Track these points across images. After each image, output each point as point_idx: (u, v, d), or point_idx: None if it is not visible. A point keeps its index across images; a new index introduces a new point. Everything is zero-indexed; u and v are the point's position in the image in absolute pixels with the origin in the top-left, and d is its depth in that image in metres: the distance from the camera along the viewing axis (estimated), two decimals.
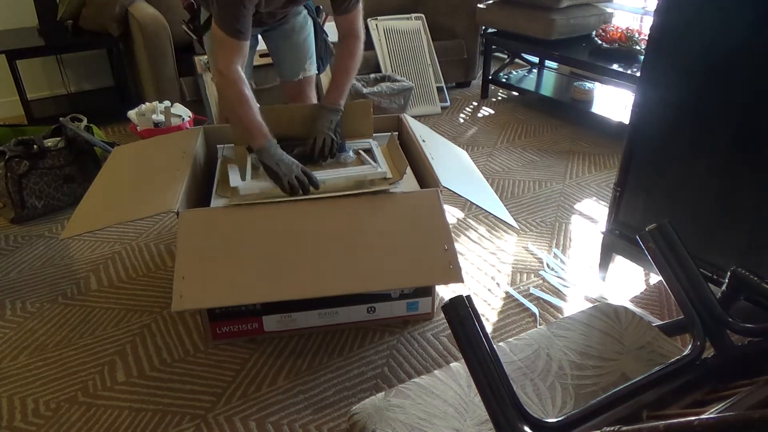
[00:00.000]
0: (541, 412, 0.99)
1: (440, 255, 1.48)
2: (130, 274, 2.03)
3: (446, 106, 3.56)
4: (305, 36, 2.05)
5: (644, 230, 1.03)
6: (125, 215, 1.56)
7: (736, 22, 1.43)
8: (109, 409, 1.51)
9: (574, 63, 3.11)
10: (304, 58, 2.07)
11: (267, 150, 1.61)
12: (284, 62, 2.09)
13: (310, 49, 2.08)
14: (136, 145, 2.02)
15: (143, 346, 1.71)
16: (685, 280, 0.99)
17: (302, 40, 2.04)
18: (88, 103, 3.40)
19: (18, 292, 1.95)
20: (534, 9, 3.21)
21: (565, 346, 1.14)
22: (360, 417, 0.98)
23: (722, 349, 0.96)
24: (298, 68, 2.07)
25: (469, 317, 0.80)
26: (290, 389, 1.56)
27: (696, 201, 1.64)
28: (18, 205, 2.30)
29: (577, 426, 0.83)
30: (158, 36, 2.85)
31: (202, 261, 1.45)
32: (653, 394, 0.89)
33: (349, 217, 1.55)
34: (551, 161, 2.85)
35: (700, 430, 0.57)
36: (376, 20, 3.48)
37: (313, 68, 2.11)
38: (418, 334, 1.75)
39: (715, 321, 0.96)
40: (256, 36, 2.09)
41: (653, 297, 1.90)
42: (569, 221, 2.33)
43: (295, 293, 1.42)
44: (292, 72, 2.09)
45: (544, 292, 1.92)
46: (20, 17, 3.28)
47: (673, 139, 1.65)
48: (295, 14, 2.00)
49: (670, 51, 1.59)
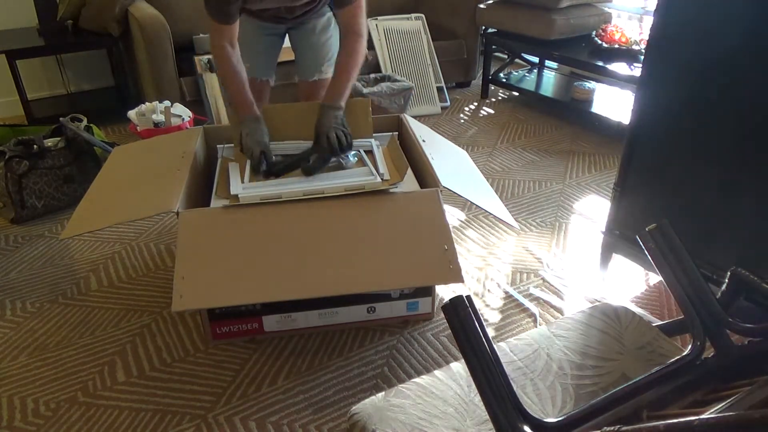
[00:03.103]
0: (541, 412, 0.99)
1: (440, 255, 1.48)
2: (130, 274, 2.03)
3: (446, 106, 3.56)
4: (327, 38, 2.05)
5: (644, 230, 1.03)
6: (125, 215, 1.56)
7: (736, 22, 1.43)
8: (109, 409, 1.51)
9: (574, 63, 3.11)
10: (322, 60, 2.07)
11: (246, 121, 1.74)
12: (303, 62, 2.10)
13: (330, 51, 2.07)
14: (136, 145, 2.02)
15: (143, 346, 1.71)
16: (685, 280, 0.99)
17: (323, 42, 2.04)
18: (88, 103, 3.40)
19: (18, 292, 1.95)
20: (534, 9, 3.21)
21: (565, 346, 1.14)
22: (360, 417, 0.98)
23: (722, 349, 0.96)
24: (314, 69, 2.07)
25: (469, 317, 0.80)
26: (290, 389, 1.56)
27: (696, 201, 1.64)
28: (18, 205, 2.30)
29: (577, 426, 0.83)
30: (158, 36, 2.85)
31: (202, 261, 1.45)
32: (653, 394, 0.89)
33: (349, 217, 1.55)
34: (551, 161, 2.85)
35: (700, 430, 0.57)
36: (376, 20, 3.48)
37: (331, 71, 2.09)
38: (418, 334, 1.75)
39: (715, 321, 0.96)
40: (282, 34, 2.10)
41: (653, 297, 1.90)
42: (569, 221, 2.33)
43: (295, 293, 1.42)
44: (308, 72, 2.09)
45: (544, 292, 1.92)
46: (20, 17, 3.28)
47: (673, 138, 1.65)
48: (319, 15, 2.01)
49: (670, 51, 1.59)
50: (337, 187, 1.62)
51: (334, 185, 1.63)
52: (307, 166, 1.68)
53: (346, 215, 1.56)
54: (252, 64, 1.94)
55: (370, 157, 1.82)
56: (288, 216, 1.55)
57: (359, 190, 1.61)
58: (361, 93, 2.97)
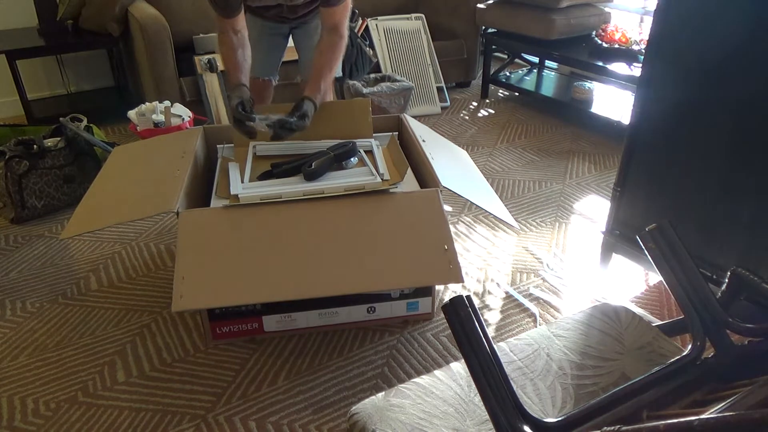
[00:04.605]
0: (541, 412, 0.99)
1: (440, 255, 1.48)
2: (130, 274, 2.03)
3: (446, 106, 3.56)
4: None
5: (644, 230, 1.03)
6: (125, 215, 1.56)
7: (736, 22, 1.43)
8: (109, 409, 1.51)
9: (574, 63, 3.11)
10: None
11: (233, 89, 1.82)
12: (304, 61, 2.11)
13: None
14: (136, 145, 2.02)
15: (143, 346, 1.71)
16: (685, 280, 0.99)
17: None
18: (88, 103, 3.40)
19: (18, 292, 1.95)
20: (534, 9, 3.21)
21: (565, 346, 1.14)
22: (360, 417, 0.98)
23: (722, 349, 0.96)
24: None
25: (469, 317, 0.80)
26: (290, 389, 1.56)
27: (696, 201, 1.64)
28: (18, 205, 2.30)
29: (577, 426, 0.83)
30: (158, 36, 2.85)
31: (202, 261, 1.45)
32: (653, 394, 0.89)
33: (349, 217, 1.55)
34: (551, 161, 2.85)
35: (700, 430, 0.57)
36: (376, 20, 3.48)
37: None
38: (418, 334, 1.75)
39: (715, 321, 0.96)
40: (286, 35, 2.10)
41: (653, 297, 1.90)
42: (569, 221, 2.33)
43: (295, 293, 1.42)
44: (309, 72, 2.09)
45: (544, 292, 1.92)
46: (20, 17, 3.28)
47: (673, 138, 1.65)
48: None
49: (669, 51, 1.59)
50: (337, 187, 1.62)
51: (334, 185, 1.63)
52: (308, 170, 1.68)
53: (346, 215, 1.56)
54: (254, 63, 1.94)
55: (370, 157, 1.82)
56: (288, 216, 1.55)
57: (359, 190, 1.61)
58: (361, 93, 2.97)
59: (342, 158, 1.75)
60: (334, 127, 1.92)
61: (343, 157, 1.75)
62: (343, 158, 1.75)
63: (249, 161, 1.80)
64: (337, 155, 1.74)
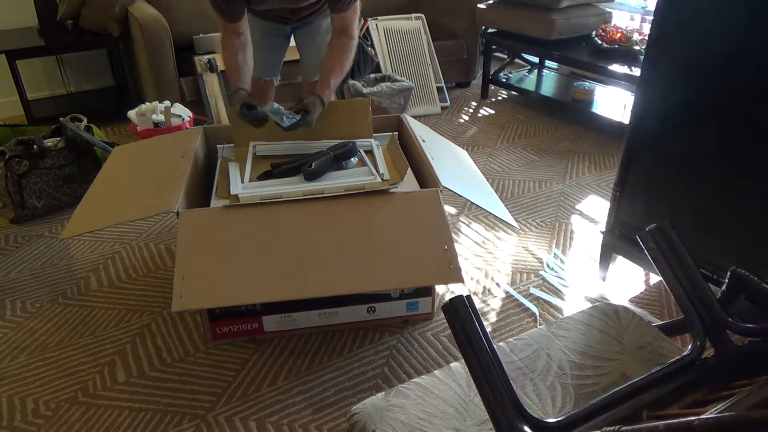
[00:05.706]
0: (541, 412, 0.99)
1: (440, 255, 1.48)
2: (130, 274, 2.03)
3: (446, 106, 3.56)
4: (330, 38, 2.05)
5: (644, 230, 1.03)
6: (125, 215, 1.56)
7: (736, 22, 1.43)
8: (109, 409, 1.51)
9: (574, 63, 3.11)
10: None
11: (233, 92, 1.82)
12: (306, 61, 2.11)
13: None
14: (136, 145, 2.02)
15: (143, 346, 1.71)
16: (685, 280, 0.99)
17: (327, 42, 2.04)
18: (88, 103, 3.40)
19: (18, 292, 1.95)
20: (534, 9, 3.21)
21: (565, 346, 1.14)
22: (360, 417, 0.98)
23: (722, 349, 0.96)
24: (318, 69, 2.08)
25: (469, 317, 0.80)
26: (290, 389, 1.56)
27: (696, 201, 1.64)
28: (18, 205, 2.30)
29: (577, 426, 0.83)
30: (158, 36, 2.85)
31: (202, 261, 1.45)
32: (653, 394, 0.89)
33: (349, 217, 1.55)
34: (551, 161, 2.85)
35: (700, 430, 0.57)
36: (376, 20, 3.48)
37: None
38: (418, 334, 1.75)
39: (715, 321, 0.96)
40: (288, 35, 2.10)
41: (653, 297, 1.90)
42: (569, 221, 2.33)
43: (295, 293, 1.42)
44: (311, 72, 2.10)
45: (544, 292, 1.92)
46: (20, 17, 3.28)
47: (673, 139, 1.65)
48: (324, 15, 2.01)
49: (669, 51, 1.59)
50: (337, 187, 1.62)
51: (334, 185, 1.63)
52: (308, 170, 1.68)
53: (346, 215, 1.56)
54: (256, 64, 1.94)
55: (370, 157, 1.82)
56: (288, 216, 1.55)
57: (359, 190, 1.61)
58: (361, 93, 2.97)
59: (342, 158, 1.75)
60: (334, 127, 1.92)
61: (343, 157, 1.75)
62: (343, 158, 1.75)
63: (249, 161, 1.80)
64: (337, 155, 1.74)
